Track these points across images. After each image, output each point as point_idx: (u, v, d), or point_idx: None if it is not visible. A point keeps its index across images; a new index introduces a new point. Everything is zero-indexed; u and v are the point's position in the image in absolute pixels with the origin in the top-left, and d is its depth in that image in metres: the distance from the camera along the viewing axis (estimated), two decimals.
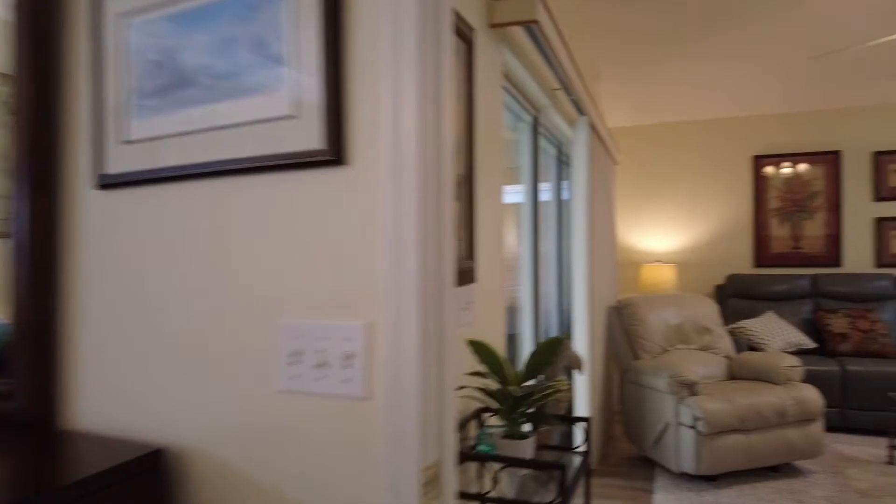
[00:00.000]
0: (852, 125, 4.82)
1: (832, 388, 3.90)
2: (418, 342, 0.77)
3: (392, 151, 0.79)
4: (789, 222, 4.93)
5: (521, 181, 3.61)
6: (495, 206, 1.87)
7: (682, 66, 4.34)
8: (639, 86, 4.70)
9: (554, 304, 3.75)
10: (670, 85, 4.63)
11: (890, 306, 4.41)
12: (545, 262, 3.67)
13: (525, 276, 2.92)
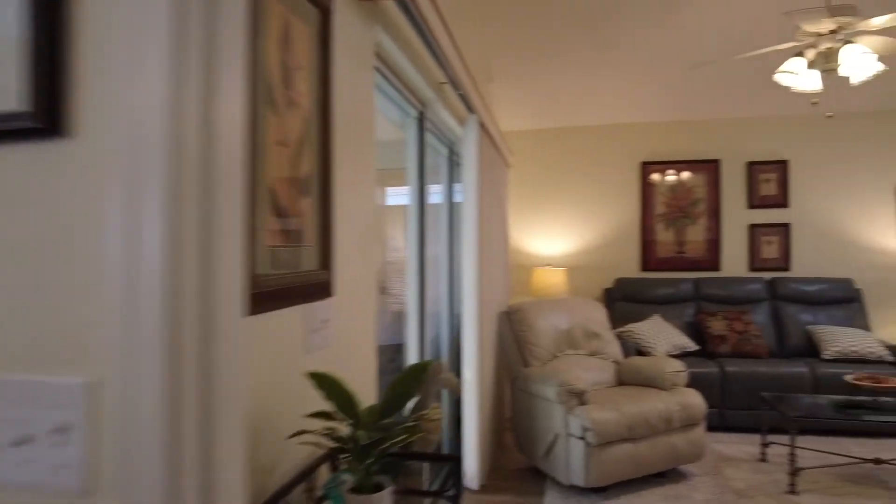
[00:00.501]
0: (729, 135, 5.05)
1: (712, 390, 4.01)
2: (162, 404, 0.50)
3: (129, 128, 0.53)
4: (674, 227, 5.08)
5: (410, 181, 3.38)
6: (366, 207, 1.62)
7: (573, 73, 4.33)
8: (531, 90, 4.64)
9: (445, 310, 3.57)
10: (562, 90, 4.62)
11: (762, 308, 4.64)
12: (436, 267, 3.47)
13: (411, 282, 2.70)
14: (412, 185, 2.70)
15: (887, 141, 4.84)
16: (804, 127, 4.96)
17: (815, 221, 4.92)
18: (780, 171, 4.96)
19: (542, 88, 4.65)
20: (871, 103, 4.71)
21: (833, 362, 4.05)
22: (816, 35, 2.79)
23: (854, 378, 3.17)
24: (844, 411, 3.07)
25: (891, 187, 4.84)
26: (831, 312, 4.53)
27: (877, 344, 4.07)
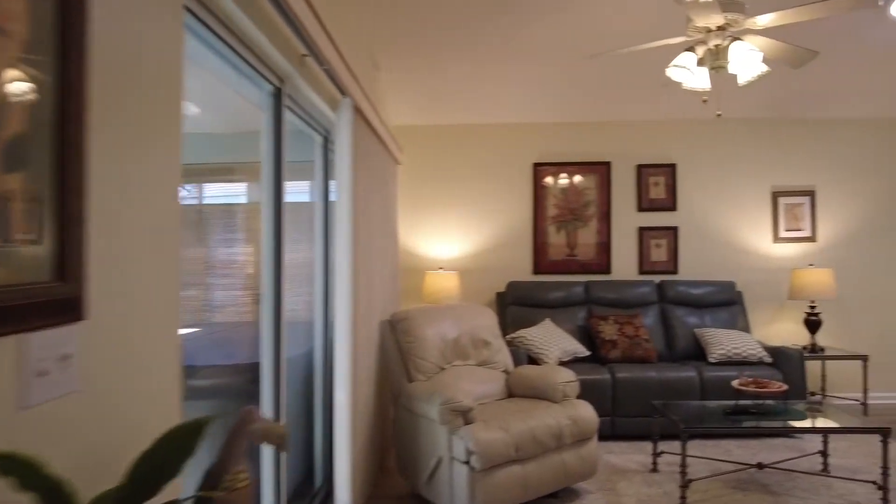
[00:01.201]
0: (620, 138, 5.01)
1: (604, 397, 3.89)
2: None
3: None
4: (565, 230, 4.98)
5: (309, 178, 2.96)
6: (164, 191, 1.20)
7: (465, 67, 4.07)
8: (423, 83, 4.34)
9: (320, 321, 3.15)
10: (453, 85, 4.35)
11: (651, 311, 4.62)
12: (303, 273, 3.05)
13: (265, 290, 2.27)
14: (267, 176, 2.27)
15: (766, 147, 5.02)
16: (691, 131, 5.03)
17: (701, 224, 4.99)
18: (669, 175, 4.99)
19: (433, 82, 4.36)
20: (752, 110, 4.85)
21: (719, 365, 4.07)
22: (706, 31, 2.69)
23: (739, 383, 3.13)
24: (732, 418, 3.01)
25: (768, 192, 5.02)
26: (716, 315, 4.59)
27: (757, 345, 4.13)
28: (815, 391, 4.82)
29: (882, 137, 5.04)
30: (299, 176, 3.12)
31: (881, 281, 5.00)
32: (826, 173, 5.03)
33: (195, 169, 2.89)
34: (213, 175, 3.06)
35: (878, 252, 5.02)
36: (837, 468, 3.39)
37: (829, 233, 5.01)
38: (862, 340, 4.97)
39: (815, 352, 4.44)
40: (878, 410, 4.70)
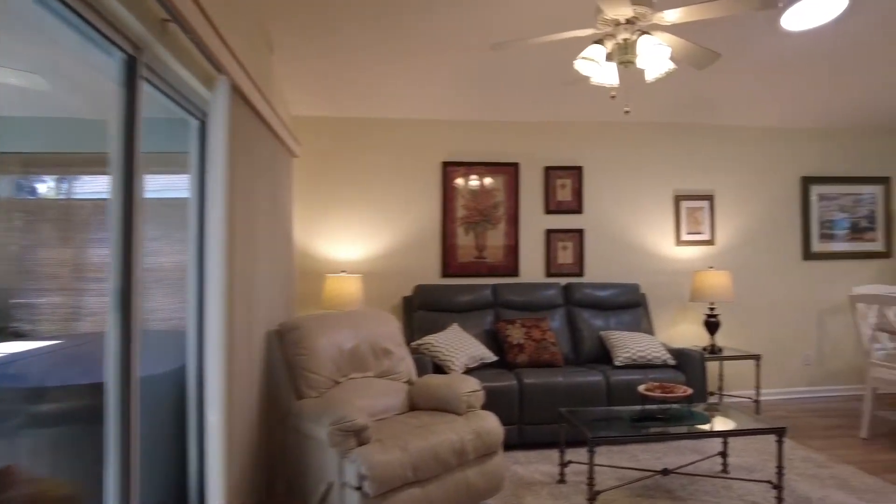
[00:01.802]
0: (528, 139, 4.92)
1: (510, 404, 3.74)
2: None
3: None
4: (474, 232, 4.81)
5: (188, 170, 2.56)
6: None
7: (373, 58, 3.80)
8: (327, 72, 4.01)
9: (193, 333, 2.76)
10: (358, 75, 4.06)
11: (558, 314, 4.55)
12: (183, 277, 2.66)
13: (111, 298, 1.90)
14: (116, 161, 1.89)
15: (669, 151, 5.10)
16: (597, 134, 5.02)
17: (606, 227, 5.00)
18: (576, 177, 4.96)
19: (337, 71, 4.04)
20: (655, 115, 4.91)
21: (624, 368, 4.04)
22: (615, 23, 2.58)
23: (645, 389, 3.06)
24: (638, 424, 2.92)
25: (671, 195, 5.11)
26: (621, 317, 4.59)
27: (661, 348, 4.15)
28: (714, 390, 4.95)
29: (773, 145, 5.28)
30: (179, 168, 2.73)
31: (773, 283, 5.23)
32: (724, 178, 5.19)
33: (60, 158, 2.47)
34: (84, 166, 2.63)
35: (769, 255, 5.24)
36: (736, 468, 3.42)
37: (727, 236, 5.17)
38: (755, 340, 5.17)
39: (714, 353, 4.54)
40: (769, 407, 4.89)
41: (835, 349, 5.32)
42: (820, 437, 4.11)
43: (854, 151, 5.42)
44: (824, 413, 4.72)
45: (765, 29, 3.78)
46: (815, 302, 5.30)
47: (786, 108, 4.94)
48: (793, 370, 5.24)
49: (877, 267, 5.42)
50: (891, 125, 5.39)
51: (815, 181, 5.33)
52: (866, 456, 3.71)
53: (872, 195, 5.43)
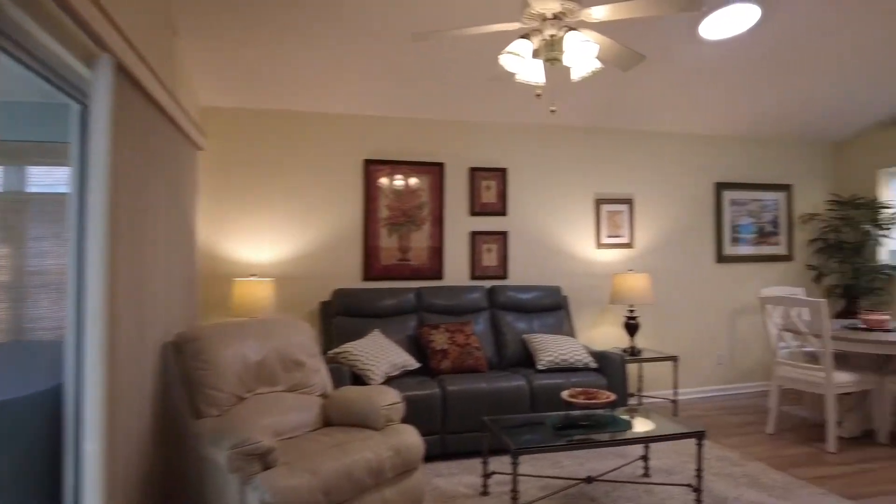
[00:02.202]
0: (453, 139, 4.80)
1: (433, 413, 3.59)
2: None
3: None
4: (398, 233, 4.63)
5: None
6: None
7: (290, 47, 3.54)
8: (239, 60, 3.70)
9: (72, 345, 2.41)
10: (277, 66, 3.78)
11: (482, 318, 4.45)
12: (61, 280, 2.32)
13: None
14: None
15: (590, 155, 5.13)
16: (521, 136, 4.97)
17: (529, 230, 4.96)
18: (500, 179, 4.88)
19: (251, 60, 3.74)
20: (578, 118, 4.92)
21: (547, 372, 3.98)
22: (542, 18, 2.48)
23: (569, 395, 3.00)
24: (562, 432, 2.85)
25: (592, 199, 5.14)
26: (544, 320, 4.55)
27: (583, 351, 4.13)
28: (634, 391, 5.01)
29: (690, 151, 5.44)
30: None
31: (688, 285, 5.38)
32: (643, 183, 5.29)
33: None
34: None
35: (685, 258, 5.39)
36: (657, 471, 3.43)
37: (645, 239, 5.27)
38: (673, 341, 5.30)
39: (634, 354, 4.59)
40: (685, 406, 5.02)
41: (745, 348, 5.55)
42: (733, 434, 4.23)
43: (761, 159, 5.68)
44: (736, 410, 4.90)
45: (684, 37, 3.84)
46: (726, 303, 5.50)
47: (702, 115, 5.09)
48: (707, 369, 5.42)
49: (781, 269, 5.70)
50: (794, 135, 5.69)
51: (728, 187, 5.53)
52: (774, 451, 3.84)
53: (776, 201, 5.71)
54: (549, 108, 3.02)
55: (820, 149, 5.90)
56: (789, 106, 5.03)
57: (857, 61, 4.34)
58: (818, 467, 3.55)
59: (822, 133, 5.68)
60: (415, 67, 3.98)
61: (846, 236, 5.57)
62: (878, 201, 5.47)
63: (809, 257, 5.78)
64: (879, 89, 4.82)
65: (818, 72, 4.46)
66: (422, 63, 3.93)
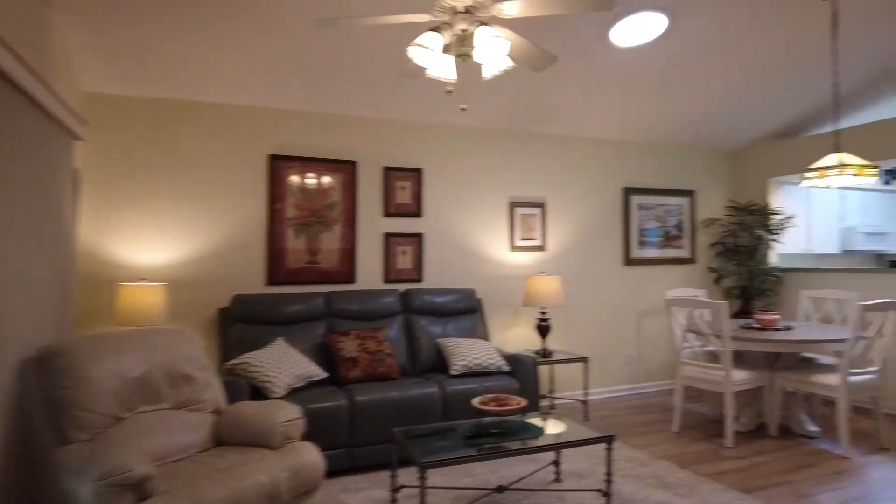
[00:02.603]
0: (367, 136, 4.62)
1: (340, 426, 3.40)
2: None
3: None
4: (306, 234, 4.39)
5: None
6: None
7: (187, 33, 3.23)
8: (130, 43, 3.34)
9: None
10: (174, 51, 3.45)
11: (395, 323, 4.30)
12: None
13: None
14: None
15: (505, 158, 5.11)
16: (437, 136, 4.87)
17: (444, 232, 4.86)
18: (415, 180, 4.75)
19: (141, 43, 3.39)
20: (493, 121, 4.88)
21: (461, 378, 3.89)
22: (453, 11, 2.37)
23: (480, 402, 2.91)
24: (472, 441, 2.75)
25: (506, 202, 5.12)
26: (459, 323, 4.47)
27: (496, 354, 4.08)
28: (546, 393, 5.04)
29: (601, 156, 5.55)
30: None
31: (598, 287, 5.48)
32: (555, 186, 5.33)
33: None
34: None
35: (595, 261, 5.49)
36: (568, 475, 3.42)
37: (557, 242, 5.32)
38: (583, 342, 5.38)
39: (545, 356, 4.60)
40: (596, 406, 5.10)
41: (651, 348, 5.74)
42: (641, 433, 4.32)
43: (667, 166, 5.90)
44: (644, 409, 5.03)
45: (596, 41, 3.87)
46: (634, 304, 5.66)
47: (612, 121, 5.20)
48: (616, 369, 5.54)
49: (684, 271, 5.95)
50: (696, 143, 5.95)
51: (635, 192, 5.70)
52: (679, 449, 3.95)
53: (680, 206, 5.95)
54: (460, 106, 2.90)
55: (719, 157, 6.22)
56: (692, 115, 5.24)
57: (750, 76, 4.57)
58: (718, 462, 3.68)
59: (721, 142, 5.98)
60: (324, 59, 3.77)
61: (742, 240, 5.89)
62: (768, 208, 5.82)
63: (710, 260, 6.07)
64: (769, 103, 5.12)
65: (717, 83, 4.66)
66: (331, 55, 3.73)
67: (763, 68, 4.48)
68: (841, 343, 3.80)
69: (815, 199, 6.42)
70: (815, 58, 4.37)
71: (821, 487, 3.28)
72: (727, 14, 3.73)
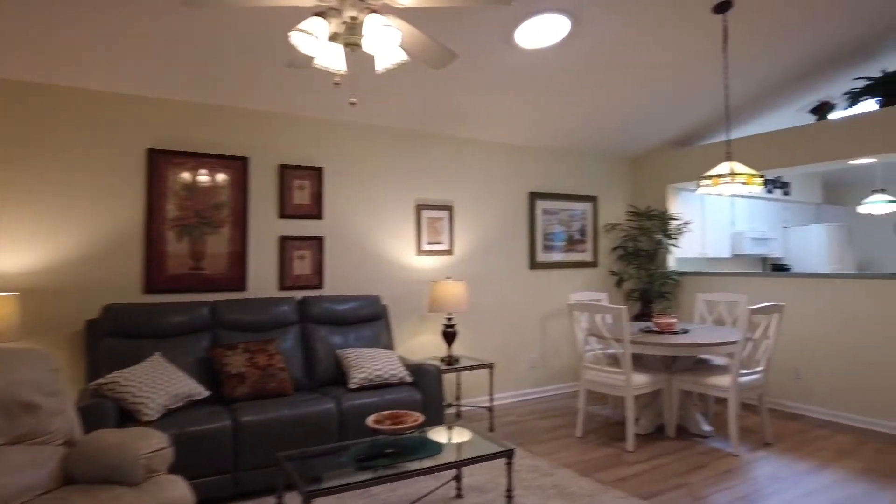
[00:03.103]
0: (260, 131, 4.29)
1: (223, 450, 3.08)
2: None
3: None
4: (190, 237, 4.00)
5: None
6: None
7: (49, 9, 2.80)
8: None
9: None
10: (36, 30, 2.99)
11: (291, 334, 4.01)
12: None
13: None
14: None
15: (412, 159, 4.94)
16: (338, 133, 4.62)
17: (347, 235, 4.62)
18: (315, 179, 4.48)
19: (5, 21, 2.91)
20: (399, 120, 4.69)
21: (360, 391, 3.67)
22: None
23: (374, 421, 2.71)
24: (365, 464, 2.55)
25: (412, 204, 4.95)
26: (361, 332, 4.24)
27: (398, 364, 3.89)
28: (452, 401, 4.91)
29: (507, 161, 5.50)
30: None
31: (505, 291, 5.43)
32: (462, 189, 5.23)
33: None
34: None
35: (502, 265, 5.44)
36: (470, 489, 3.29)
37: (464, 246, 5.21)
38: (490, 347, 5.31)
39: (451, 363, 4.47)
40: (501, 412, 5.04)
41: (556, 351, 5.77)
42: (544, 440, 4.28)
43: (571, 171, 5.96)
44: (548, 413, 5.02)
45: (500, 42, 3.78)
46: (539, 308, 5.67)
47: (518, 125, 5.16)
48: (522, 373, 5.52)
49: (587, 275, 6.03)
50: (599, 149, 6.06)
51: (540, 196, 5.71)
52: (581, 455, 3.93)
53: (583, 211, 6.03)
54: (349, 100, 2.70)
55: (621, 163, 6.37)
56: (595, 120, 5.31)
57: (649, 85, 4.67)
58: (619, 468, 3.68)
59: (623, 149, 6.13)
60: (211, 46, 3.43)
61: (642, 244, 6.06)
62: (667, 213, 6.02)
63: (612, 264, 6.20)
64: (669, 112, 5.28)
65: (618, 90, 4.73)
66: (219, 42, 3.40)
67: (662, 77, 4.59)
68: (732, 345, 3.93)
69: (709, 206, 6.74)
70: (709, 69, 4.52)
71: (714, 488, 3.35)
72: (627, 22, 3.75)
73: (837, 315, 4.70)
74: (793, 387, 4.97)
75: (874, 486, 3.39)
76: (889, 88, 4.58)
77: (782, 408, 5.03)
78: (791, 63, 4.60)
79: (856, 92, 4.80)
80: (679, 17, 3.79)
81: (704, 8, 3.72)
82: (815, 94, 5.38)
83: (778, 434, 4.38)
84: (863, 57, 4.66)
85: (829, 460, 3.82)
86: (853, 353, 4.60)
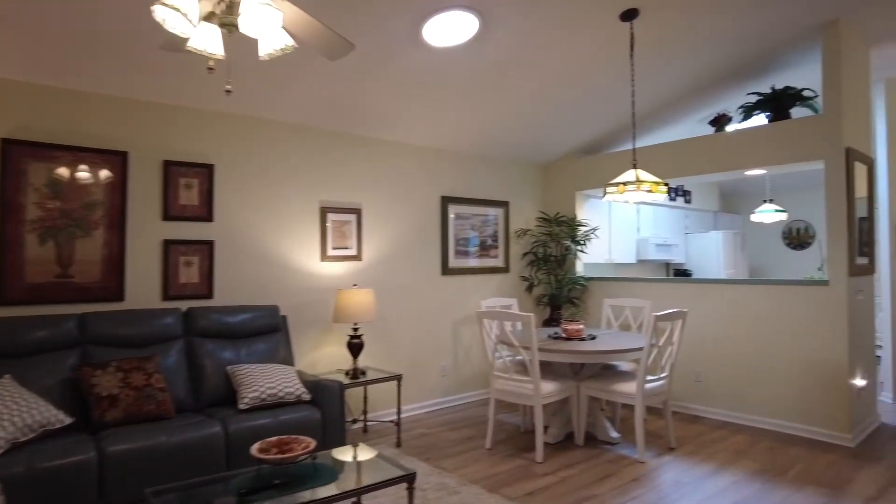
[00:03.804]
0: (142, 124, 3.86)
1: (86, 486, 2.67)
2: None
3: None
4: (55, 241, 3.51)
5: None
6: None
7: None
8: None
9: None
10: None
11: (174, 349, 3.60)
12: None
13: None
14: None
15: (316, 159, 4.64)
16: (232, 128, 4.25)
17: (242, 239, 4.25)
18: (205, 177, 4.09)
19: None
20: (301, 116, 4.39)
21: (251, 412, 3.35)
22: None
23: (259, 450, 2.43)
24: (249, 498, 2.26)
25: (317, 207, 4.65)
26: (255, 346, 3.89)
27: (296, 381, 3.59)
28: (358, 416, 4.66)
29: (418, 163, 5.32)
30: None
31: (415, 298, 5.24)
32: (372, 192, 4.99)
33: None
34: None
35: (413, 271, 5.24)
36: None
37: (373, 252, 4.98)
38: (399, 357, 5.10)
39: (357, 377, 4.22)
40: (410, 424, 4.84)
41: (466, 358, 5.65)
42: (453, 454, 4.12)
43: (484, 176, 5.88)
44: (458, 424, 4.87)
45: (409, 40, 3.59)
46: (451, 314, 5.52)
47: (430, 128, 5.00)
48: (432, 382, 5.35)
49: (499, 280, 5.97)
50: (510, 155, 6.01)
51: (453, 201, 5.58)
52: (490, 469, 3.80)
53: (496, 216, 5.97)
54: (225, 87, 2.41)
55: (532, 169, 6.37)
56: (505, 125, 5.24)
57: (558, 90, 4.65)
58: (528, 482, 3.58)
59: (534, 155, 6.12)
60: (82, 24, 3.00)
61: (552, 250, 6.07)
62: (575, 220, 6.07)
63: (523, 269, 6.17)
64: (578, 119, 5.31)
65: (528, 95, 4.68)
66: (90, 20, 2.97)
67: (571, 83, 4.58)
68: (638, 352, 3.94)
69: (615, 212, 6.89)
70: (617, 77, 4.56)
71: (621, 498, 3.31)
72: (537, 24, 3.68)
73: (733, 319, 4.88)
74: (694, 389, 5.11)
75: (767, 485, 3.48)
76: (777, 104, 4.82)
77: (685, 410, 5.16)
78: (692, 75, 4.73)
79: (749, 106, 5.01)
80: (588, 22, 3.76)
81: (613, 15, 3.71)
82: (714, 107, 5.60)
83: (681, 437, 4.47)
84: (754, 73, 4.88)
85: (727, 462, 3.91)
86: (747, 356, 4.78)
